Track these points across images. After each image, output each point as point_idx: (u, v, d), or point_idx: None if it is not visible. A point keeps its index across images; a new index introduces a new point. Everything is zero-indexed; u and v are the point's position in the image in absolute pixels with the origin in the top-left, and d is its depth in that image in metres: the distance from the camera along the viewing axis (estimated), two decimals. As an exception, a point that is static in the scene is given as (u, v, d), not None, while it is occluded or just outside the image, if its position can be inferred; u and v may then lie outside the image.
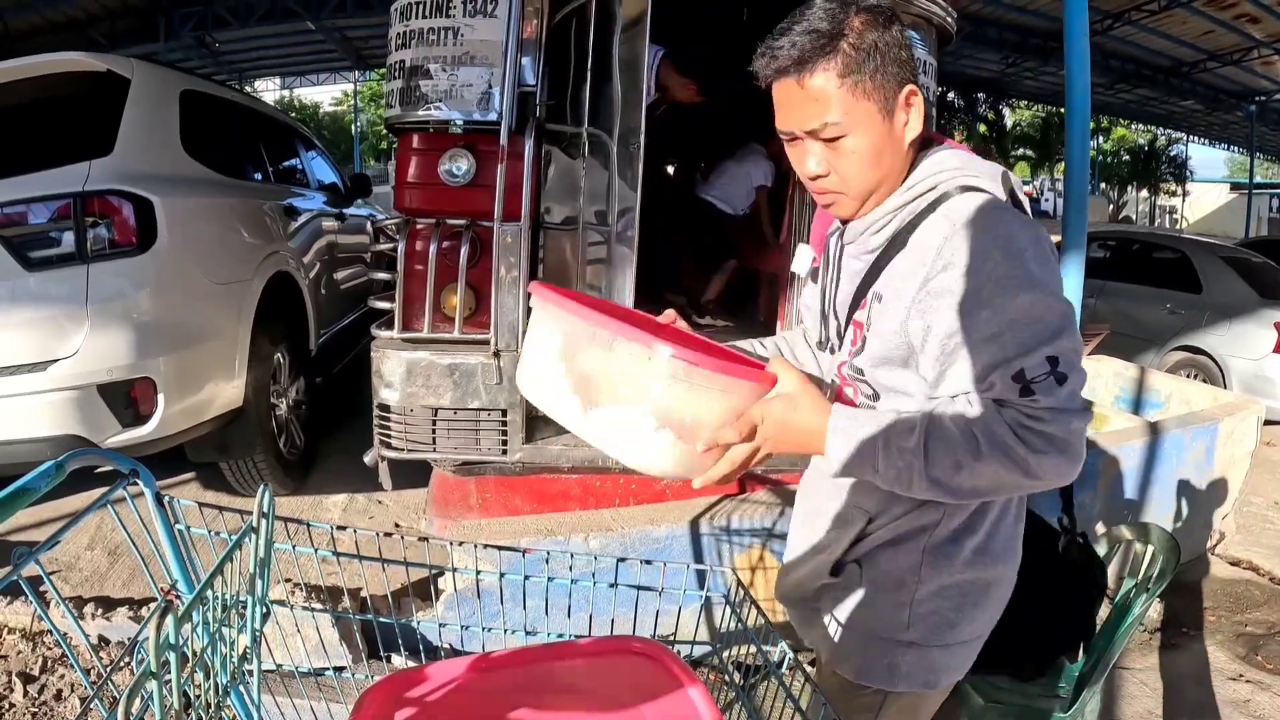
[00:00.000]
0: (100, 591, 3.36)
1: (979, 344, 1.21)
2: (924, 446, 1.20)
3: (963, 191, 1.31)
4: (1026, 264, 1.21)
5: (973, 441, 1.18)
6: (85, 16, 13.29)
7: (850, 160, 1.30)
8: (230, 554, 1.10)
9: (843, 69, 1.24)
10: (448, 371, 3.07)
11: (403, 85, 3.07)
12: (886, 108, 1.27)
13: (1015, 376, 1.18)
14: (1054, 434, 1.17)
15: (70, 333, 3.08)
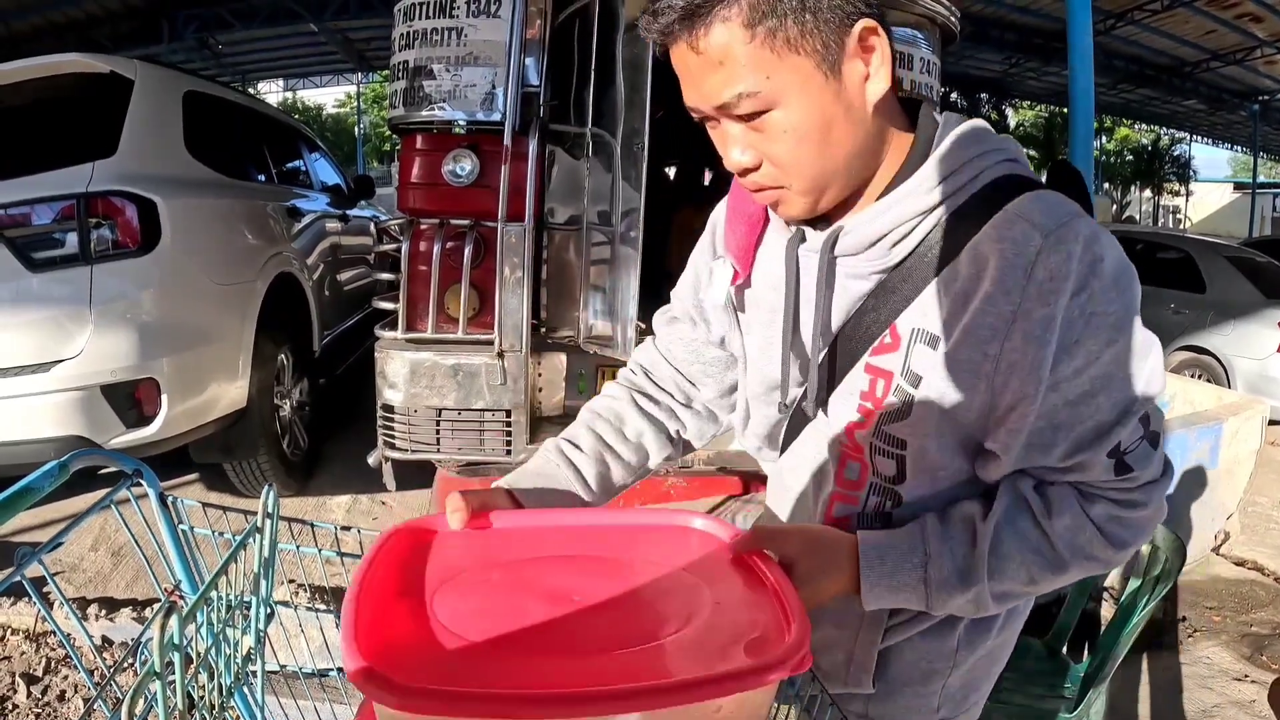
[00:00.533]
0: (104, 592, 3.36)
1: (1064, 408, 0.92)
2: (987, 567, 0.96)
3: (1016, 184, 0.94)
4: (1122, 292, 0.90)
5: (1051, 554, 0.97)
6: (87, 19, 13.31)
7: (784, 143, 0.90)
8: (235, 554, 1.09)
9: (749, 14, 0.85)
10: (451, 372, 3.06)
11: (406, 86, 3.07)
12: (827, 59, 0.87)
13: (1111, 453, 0.92)
14: (1147, 519, 0.97)
15: (74, 333, 3.08)
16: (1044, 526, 0.96)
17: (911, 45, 3.50)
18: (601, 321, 3.18)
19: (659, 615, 0.86)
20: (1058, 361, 0.89)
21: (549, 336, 3.33)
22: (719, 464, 3.25)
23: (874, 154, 0.96)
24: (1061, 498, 0.96)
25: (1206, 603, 3.90)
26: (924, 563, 0.98)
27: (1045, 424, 0.92)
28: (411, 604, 0.84)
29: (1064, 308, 0.87)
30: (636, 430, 1.27)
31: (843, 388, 1.05)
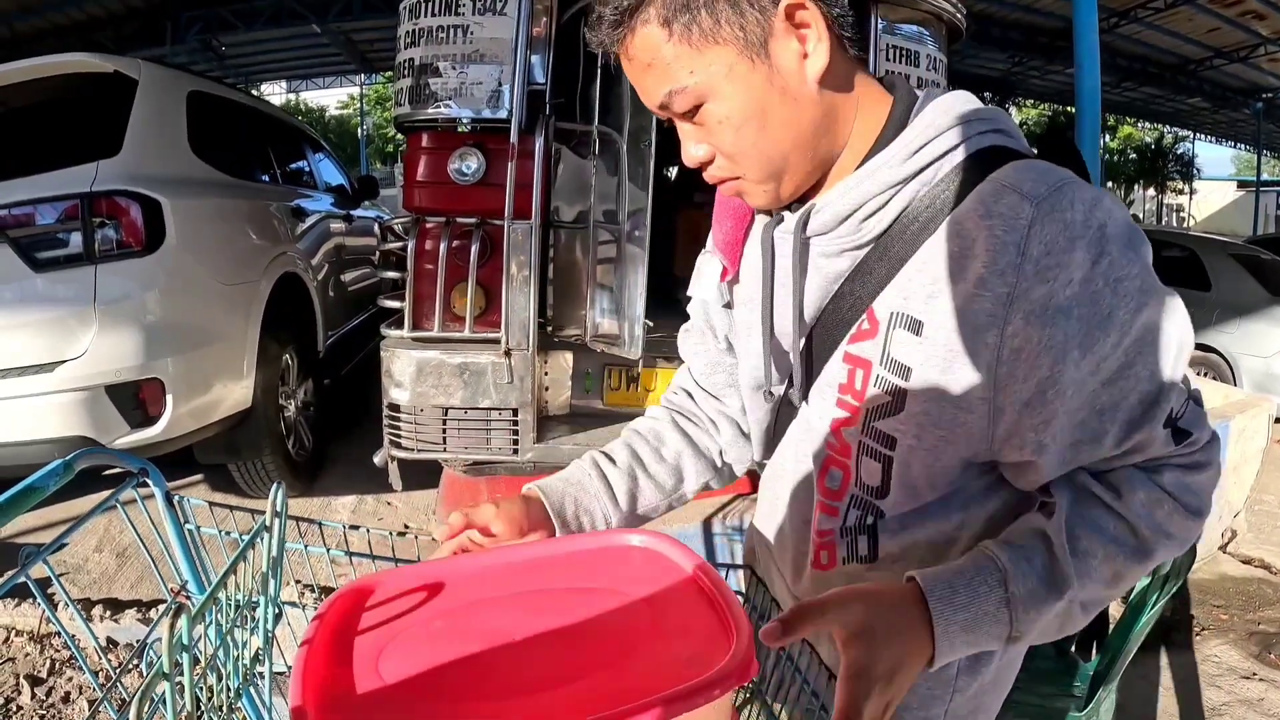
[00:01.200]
0: (108, 594, 3.35)
1: (1104, 389, 0.84)
2: (1074, 568, 0.86)
3: (1003, 155, 0.88)
4: (1135, 252, 0.83)
5: (1133, 541, 0.88)
6: (90, 20, 13.33)
7: (724, 133, 0.89)
8: (243, 553, 1.08)
9: (664, 13, 0.84)
10: (458, 370, 3.05)
11: (412, 83, 3.06)
12: (749, 44, 0.85)
13: (1167, 423, 0.86)
14: (1212, 480, 0.91)
15: (78, 334, 3.07)
16: (1119, 510, 0.88)
17: (918, 42, 3.49)
18: (608, 320, 3.17)
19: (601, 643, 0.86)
20: (1093, 341, 0.81)
21: (555, 335, 3.32)
22: (726, 463, 3.22)
23: (831, 131, 0.91)
24: (1128, 477, 0.89)
25: (1214, 601, 3.88)
26: (1002, 580, 0.85)
27: (1088, 413, 0.84)
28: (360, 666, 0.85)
29: (1079, 282, 0.80)
30: (675, 451, 1.24)
31: (822, 380, 1.00)
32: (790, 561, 1.14)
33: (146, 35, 14.12)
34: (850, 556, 1.02)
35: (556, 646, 0.86)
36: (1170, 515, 0.88)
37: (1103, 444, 0.86)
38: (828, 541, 1.04)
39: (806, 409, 1.05)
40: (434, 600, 0.97)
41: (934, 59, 3.55)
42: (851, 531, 1.01)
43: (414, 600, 0.97)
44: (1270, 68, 18.49)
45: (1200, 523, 0.90)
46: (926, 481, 0.94)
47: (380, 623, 0.92)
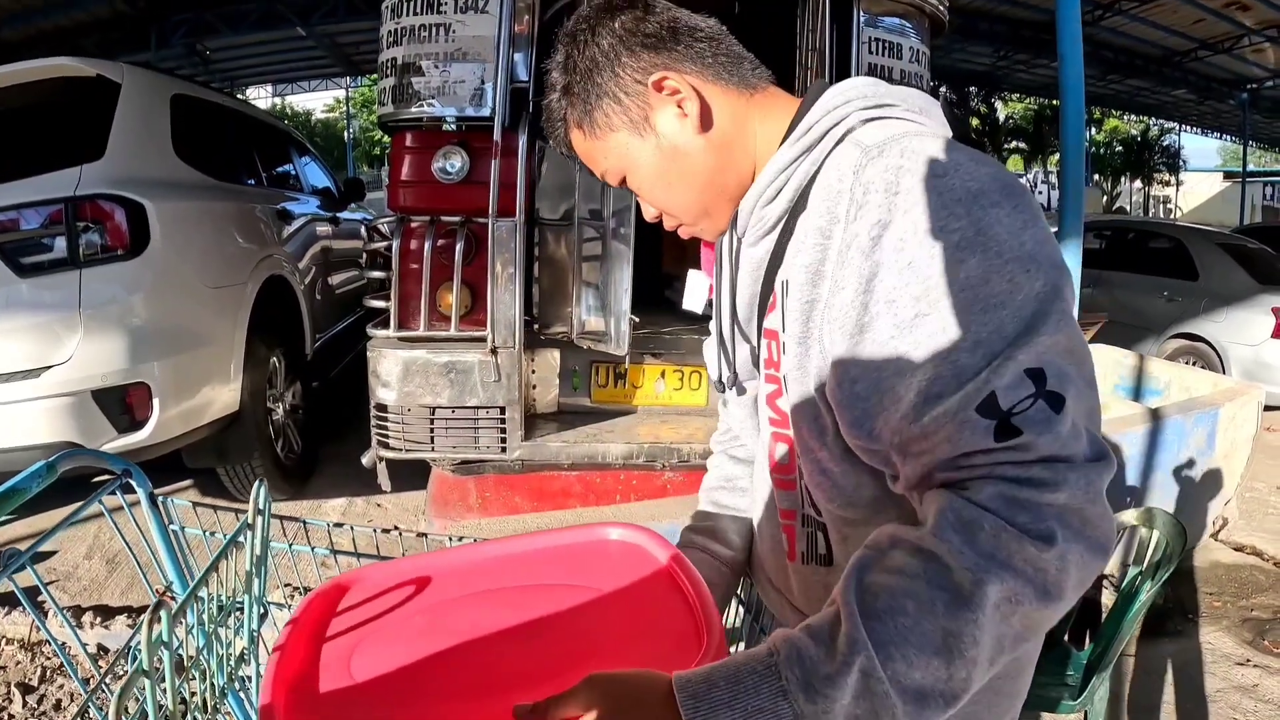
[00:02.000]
0: (99, 600, 3.33)
1: (902, 335, 0.79)
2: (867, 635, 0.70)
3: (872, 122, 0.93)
4: (979, 209, 0.78)
5: (951, 581, 0.70)
6: (76, 26, 13.27)
7: (651, 194, 1.04)
8: (225, 551, 1.07)
9: (576, 118, 1.03)
10: (445, 369, 3.05)
11: (395, 83, 3.05)
12: (636, 124, 0.99)
13: (984, 407, 0.73)
14: (1069, 508, 0.71)
15: (64, 339, 3.05)
16: (926, 545, 0.72)
17: (900, 35, 3.50)
18: (595, 317, 3.17)
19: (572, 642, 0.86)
20: (888, 288, 0.79)
21: (542, 333, 3.32)
22: (716, 456, 3.23)
23: (733, 159, 1.02)
24: (931, 500, 0.75)
25: (1206, 588, 3.89)
26: (772, 665, 0.72)
27: (894, 376, 0.79)
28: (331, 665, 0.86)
29: (884, 224, 0.80)
30: (748, 475, 1.27)
31: (761, 359, 1.06)
32: (769, 552, 1.15)
33: (132, 41, 14.05)
34: (810, 554, 1.04)
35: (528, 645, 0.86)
36: (998, 539, 0.69)
37: (899, 410, 0.78)
38: (789, 525, 1.06)
39: (760, 394, 1.09)
40: (412, 597, 0.98)
41: (916, 51, 3.56)
42: (811, 524, 1.02)
43: (391, 597, 0.98)
44: (1255, 58, 18.54)
45: (1056, 554, 0.70)
46: (817, 448, 0.94)
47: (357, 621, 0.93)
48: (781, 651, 0.72)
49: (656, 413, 3.54)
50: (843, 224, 0.84)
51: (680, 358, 3.54)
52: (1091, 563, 0.71)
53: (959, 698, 0.70)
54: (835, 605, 0.74)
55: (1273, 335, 6.86)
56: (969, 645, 0.68)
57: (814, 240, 0.88)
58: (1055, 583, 0.70)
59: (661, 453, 3.18)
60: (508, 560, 1.04)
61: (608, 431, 3.28)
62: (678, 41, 0.99)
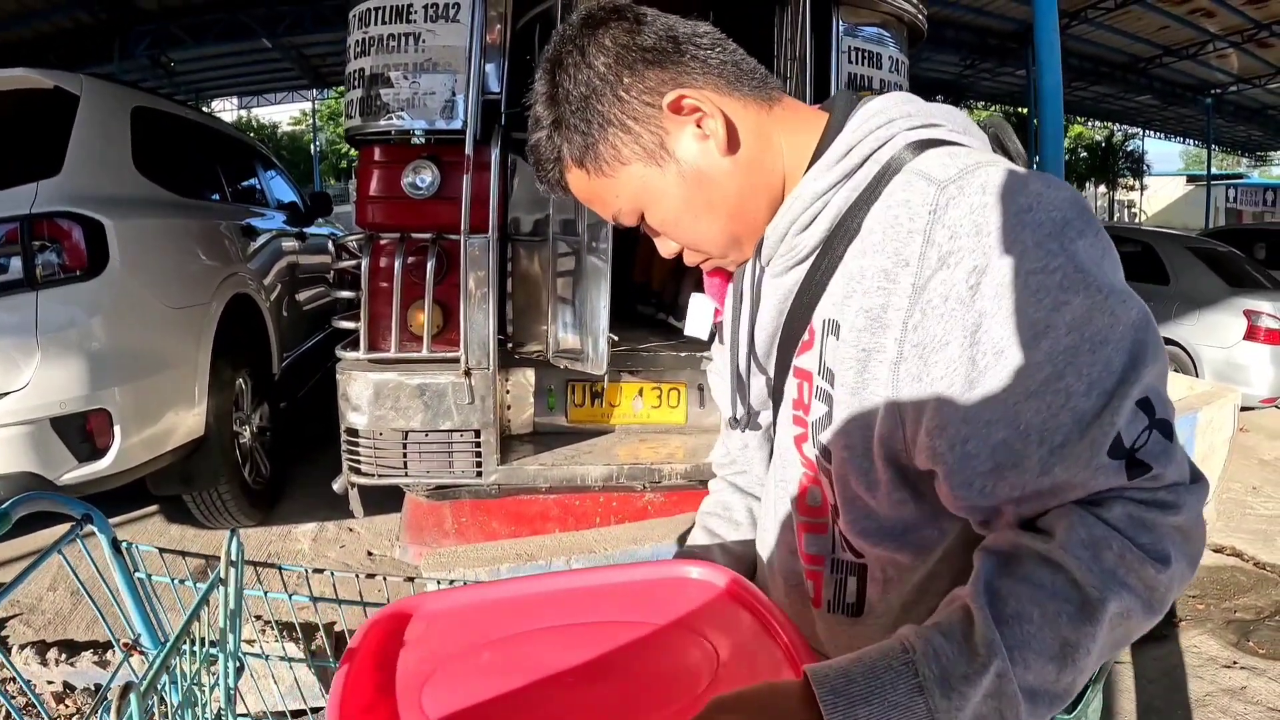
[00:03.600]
0: (64, 634, 3.21)
1: (1027, 402, 0.74)
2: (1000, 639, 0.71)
3: (930, 145, 0.85)
4: (1070, 243, 0.75)
5: (1078, 595, 0.72)
6: (37, 38, 13.09)
7: (675, 230, 0.94)
8: (196, 612, 0.99)
9: (575, 156, 0.92)
10: (417, 392, 2.96)
11: (363, 94, 2.96)
12: (651, 152, 0.90)
13: (1113, 449, 0.72)
14: (1187, 530, 0.75)
15: (20, 364, 2.93)
16: (1053, 557, 0.72)
17: (879, 44, 3.46)
18: (571, 335, 3.09)
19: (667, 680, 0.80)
20: (996, 338, 0.74)
21: (516, 352, 3.24)
22: (698, 477, 3.16)
23: (761, 182, 0.93)
24: (1061, 515, 0.75)
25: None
26: (909, 663, 0.71)
27: (1010, 432, 0.74)
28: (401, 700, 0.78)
29: (982, 270, 0.74)
30: (745, 507, 1.24)
31: (785, 397, 1.00)
32: (785, 595, 1.08)
33: (95, 52, 13.86)
34: (836, 602, 0.98)
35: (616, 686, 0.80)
36: (1123, 560, 0.71)
37: (1024, 469, 0.75)
38: (815, 571, 1.00)
39: (779, 434, 1.04)
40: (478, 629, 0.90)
41: (896, 60, 3.53)
42: (841, 569, 0.97)
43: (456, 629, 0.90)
44: (1219, 63, 18.86)
45: (1168, 575, 0.72)
46: (867, 494, 0.88)
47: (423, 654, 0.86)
48: (917, 648, 0.71)
49: (635, 431, 3.47)
50: (914, 268, 0.78)
51: (658, 375, 3.47)
52: (1189, 577, 0.75)
53: (1063, 701, 0.73)
54: (960, 605, 0.74)
55: (1244, 337, 6.94)
56: (1082, 656, 0.71)
57: (876, 283, 0.81)
58: (1161, 599, 0.73)
59: (642, 473, 3.11)
60: (579, 594, 0.97)
61: (586, 452, 3.20)
62: (681, 53, 0.89)
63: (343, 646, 2.63)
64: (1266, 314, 6.90)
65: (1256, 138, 32.05)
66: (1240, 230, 14.51)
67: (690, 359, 3.42)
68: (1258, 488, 5.38)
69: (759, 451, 1.15)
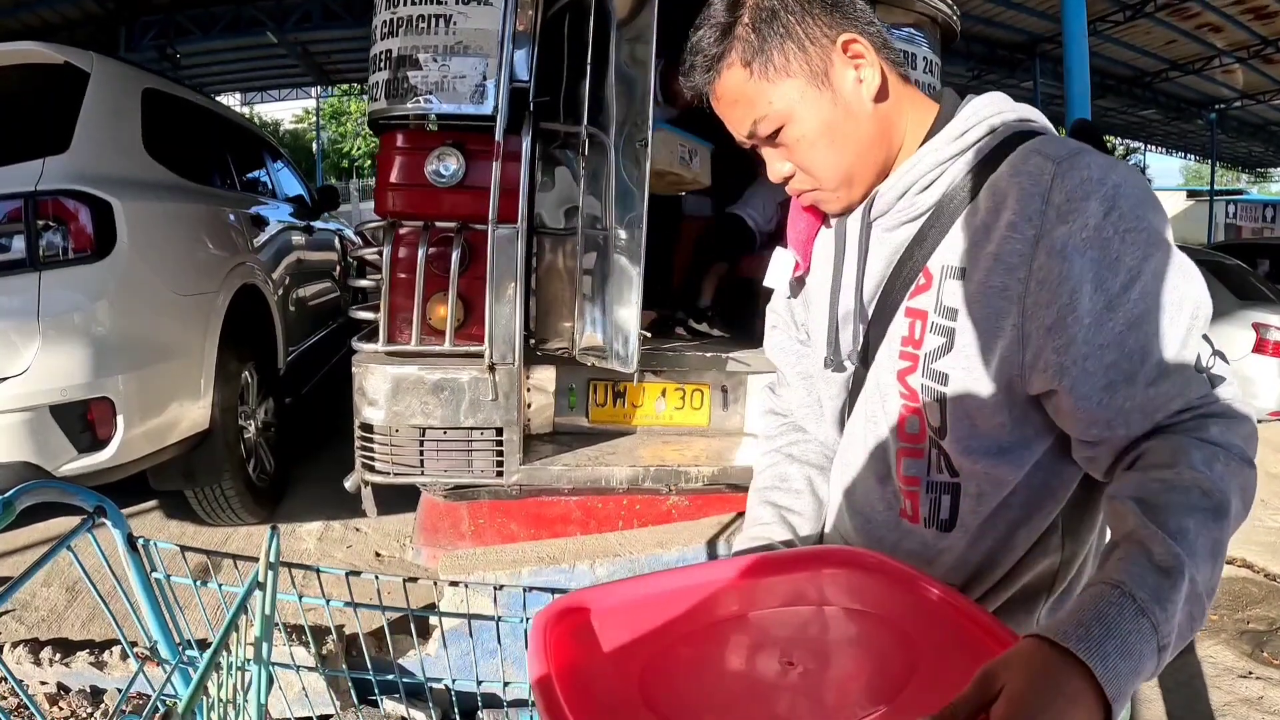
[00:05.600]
0: (58, 633, 3.09)
1: (1129, 332, 0.92)
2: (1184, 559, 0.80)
3: (1033, 133, 1.04)
4: (1148, 210, 0.94)
5: (1209, 502, 0.85)
6: (44, 26, 13.00)
7: (802, 151, 1.08)
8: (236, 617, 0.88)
9: (744, 56, 1.04)
10: (437, 387, 2.84)
11: (389, 77, 2.85)
12: (815, 74, 1.04)
13: (1198, 368, 0.93)
14: (1253, 433, 0.93)
15: (20, 348, 2.82)
16: (1185, 478, 0.86)
17: (913, 45, 3.38)
18: (598, 332, 2.98)
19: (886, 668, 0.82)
20: (1102, 279, 0.92)
21: (538, 348, 3.13)
22: (724, 480, 3.06)
23: (886, 138, 1.09)
24: (1176, 445, 0.90)
25: None
26: (1125, 592, 0.78)
27: (1118, 354, 0.92)
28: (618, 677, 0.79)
29: (1093, 228, 0.92)
30: (803, 476, 1.35)
31: (887, 338, 1.13)
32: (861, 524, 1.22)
33: (101, 42, 13.74)
34: (932, 518, 1.12)
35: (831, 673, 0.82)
36: (1229, 467, 0.88)
37: (1136, 382, 0.92)
38: (913, 492, 1.13)
39: (875, 371, 1.16)
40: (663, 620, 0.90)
41: (929, 61, 3.45)
42: (936, 489, 1.11)
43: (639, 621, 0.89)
44: (1225, 79, 18.84)
45: (1255, 471, 0.91)
46: (978, 412, 1.03)
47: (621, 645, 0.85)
48: (1126, 581, 0.79)
49: (657, 433, 3.37)
50: (1036, 223, 0.95)
51: (682, 375, 3.37)
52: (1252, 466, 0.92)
53: (1213, 595, 0.83)
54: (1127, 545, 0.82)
55: (1253, 350, 6.93)
56: (1223, 551, 0.85)
57: (1004, 234, 0.97)
58: (1252, 494, 0.90)
59: (667, 475, 3.00)
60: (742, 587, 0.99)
61: (609, 453, 3.09)
62: (856, 14, 1.05)
63: (355, 651, 2.51)
64: (1275, 327, 6.91)
65: (1258, 154, 32.11)
66: (1242, 245, 14.58)
67: (715, 360, 3.32)
68: (1265, 501, 5.39)
69: (833, 402, 1.28)
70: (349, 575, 1.34)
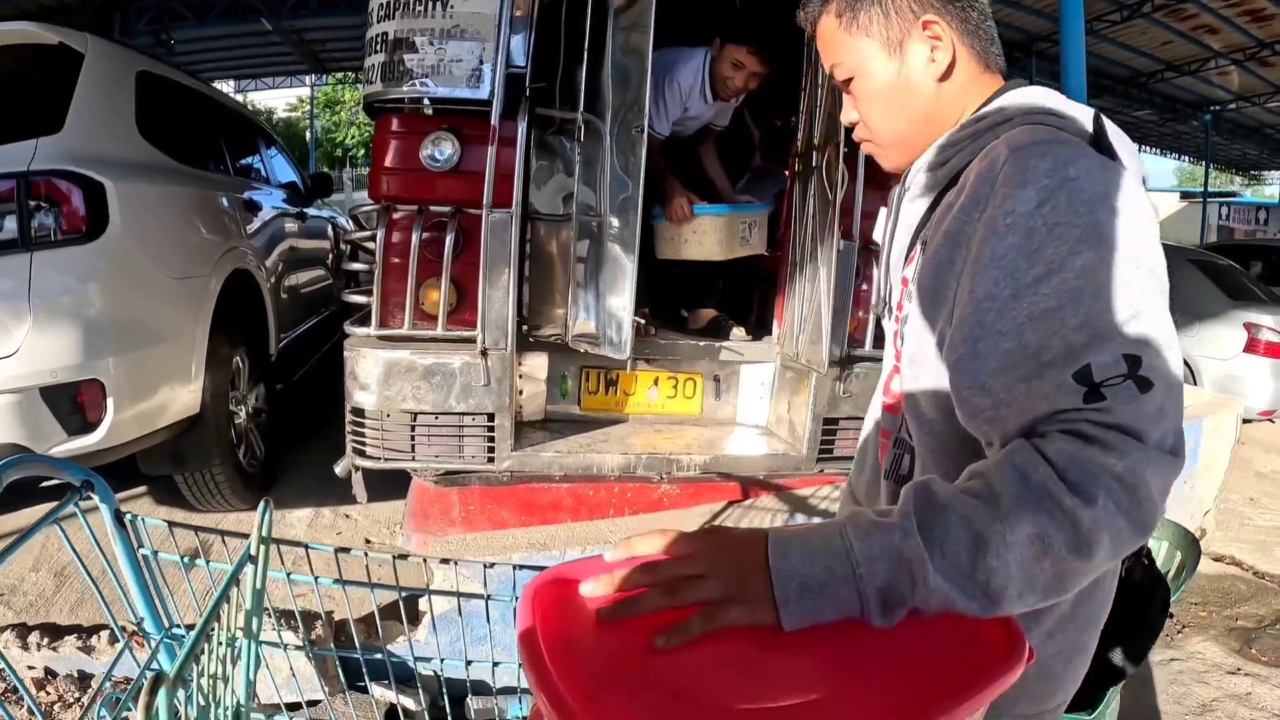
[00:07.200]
0: (46, 617, 3.07)
1: (1029, 323, 0.87)
2: (913, 519, 0.81)
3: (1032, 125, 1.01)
4: (1100, 211, 0.89)
5: (989, 492, 0.81)
6: (38, 10, 12.91)
7: (865, 105, 1.17)
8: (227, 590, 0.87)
9: (839, 7, 1.14)
10: (429, 372, 2.84)
11: (385, 59, 2.84)
12: (890, 42, 1.11)
13: (1080, 375, 0.83)
14: (1122, 472, 0.79)
15: (10, 329, 2.79)
16: (987, 473, 0.83)
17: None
18: (591, 318, 2.98)
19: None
20: (1015, 267, 0.89)
21: (531, 335, 3.12)
22: (715, 469, 3.06)
23: (943, 119, 1.13)
24: (1014, 445, 0.85)
25: (1191, 598, 3.99)
26: (840, 530, 0.83)
27: (1014, 344, 0.88)
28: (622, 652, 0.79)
29: (1020, 214, 0.89)
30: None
31: (894, 300, 1.19)
32: (860, 474, 1.33)
33: (95, 27, 13.66)
34: (892, 471, 1.18)
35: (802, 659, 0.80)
36: (1045, 486, 0.79)
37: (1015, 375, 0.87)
38: (884, 444, 1.21)
39: (888, 328, 1.24)
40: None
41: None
42: (901, 445, 1.16)
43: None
44: (1220, 81, 18.87)
45: (1092, 513, 0.78)
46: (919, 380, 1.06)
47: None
48: (851, 520, 0.84)
49: (649, 421, 3.37)
50: (982, 205, 0.95)
51: (674, 364, 3.37)
52: (1128, 539, 0.80)
53: (989, 598, 0.79)
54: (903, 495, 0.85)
55: (1245, 350, 7.03)
56: (993, 554, 0.77)
57: (958, 214, 0.98)
58: (1085, 539, 0.78)
59: (659, 464, 3.00)
60: None
61: (601, 441, 3.09)
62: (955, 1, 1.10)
63: (343, 634, 2.50)
64: (1267, 327, 6.98)
65: (1252, 156, 32.17)
66: (1234, 246, 14.66)
67: (709, 349, 3.32)
68: (1254, 499, 5.48)
69: None
70: (338, 552, 1.34)
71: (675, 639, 0.77)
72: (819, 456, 3.21)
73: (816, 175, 3.11)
